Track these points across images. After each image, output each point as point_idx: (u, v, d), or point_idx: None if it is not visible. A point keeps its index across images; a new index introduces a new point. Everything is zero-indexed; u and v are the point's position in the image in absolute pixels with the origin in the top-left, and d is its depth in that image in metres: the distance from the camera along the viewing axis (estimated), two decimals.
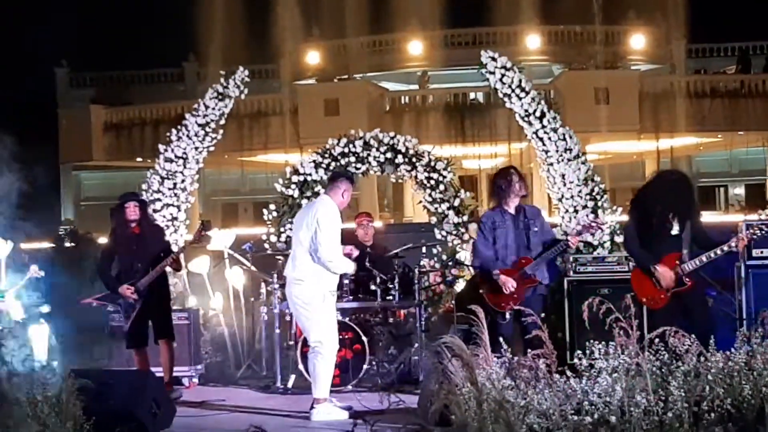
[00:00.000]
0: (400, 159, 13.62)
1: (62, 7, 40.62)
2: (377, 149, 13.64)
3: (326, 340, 9.33)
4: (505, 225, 9.52)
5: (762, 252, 10.14)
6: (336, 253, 9.33)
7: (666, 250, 8.94)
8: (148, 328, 10.67)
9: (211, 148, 14.21)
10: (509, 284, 9.37)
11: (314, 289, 9.31)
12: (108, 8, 41.23)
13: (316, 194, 13.58)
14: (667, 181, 9.18)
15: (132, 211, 10.59)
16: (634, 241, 9.11)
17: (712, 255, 8.84)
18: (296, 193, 13.79)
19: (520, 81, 13.27)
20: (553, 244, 9.57)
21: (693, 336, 7.10)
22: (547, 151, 13.20)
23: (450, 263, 12.76)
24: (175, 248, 11.86)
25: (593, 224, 9.96)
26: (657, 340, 7.12)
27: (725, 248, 8.80)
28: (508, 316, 9.35)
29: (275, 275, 11.28)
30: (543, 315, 9.25)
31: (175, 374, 11.12)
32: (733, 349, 7.20)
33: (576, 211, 12.89)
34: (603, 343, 7.04)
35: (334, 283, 9.52)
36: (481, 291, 9.61)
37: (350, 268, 9.72)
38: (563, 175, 13.04)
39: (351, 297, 11.29)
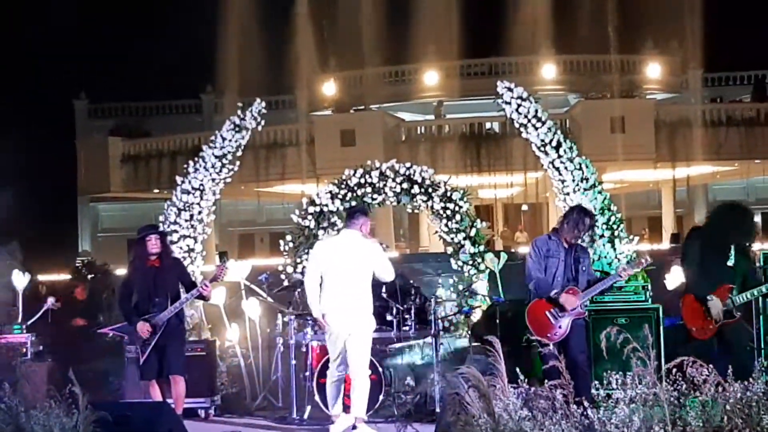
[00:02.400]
0: (416, 189, 13.62)
1: (81, 39, 40.96)
2: (393, 180, 13.65)
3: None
4: (559, 255, 9.50)
5: None
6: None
7: (721, 280, 9.07)
8: (163, 360, 10.64)
9: (228, 180, 14.23)
10: (572, 300, 9.28)
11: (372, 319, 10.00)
12: (126, 40, 41.55)
13: (333, 225, 13.60)
14: (735, 213, 9.25)
15: (153, 243, 10.59)
16: (693, 265, 9.16)
17: (764, 290, 8.95)
18: (312, 224, 13.81)
19: (536, 111, 13.28)
20: (601, 279, 9.53)
21: (731, 366, 7.13)
22: (563, 181, 13.19)
23: (466, 293, 12.74)
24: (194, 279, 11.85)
25: (643, 260, 9.78)
26: (675, 370, 7.08)
27: None
28: (551, 346, 9.22)
29: (291, 306, 11.27)
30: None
31: (191, 405, 11.10)
32: (751, 379, 7.16)
33: (593, 241, 12.85)
34: (620, 373, 7.00)
35: None
36: (527, 321, 9.53)
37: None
38: None
39: None
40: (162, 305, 10.47)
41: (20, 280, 13.17)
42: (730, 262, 9.09)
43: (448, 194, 13.63)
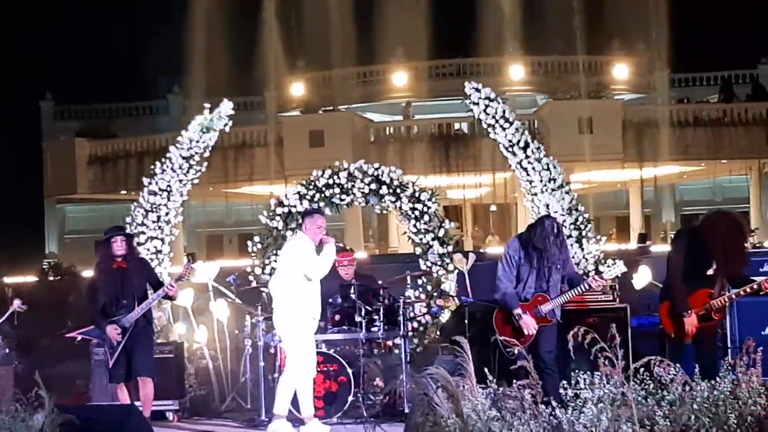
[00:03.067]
0: (384, 190, 13.61)
1: (46, 39, 40.68)
2: (362, 180, 13.64)
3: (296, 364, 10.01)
4: (530, 261, 9.55)
5: None
6: (319, 264, 10.06)
7: (699, 285, 9.22)
8: (132, 362, 10.58)
9: (196, 181, 14.15)
10: (531, 326, 9.40)
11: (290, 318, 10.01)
12: (92, 40, 41.29)
13: (300, 226, 13.57)
14: (725, 223, 9.31)
15: (119, 245, 10.54)
16: (679, 276, 9.27)
17: (741, 293, 9.09)
18: (281, 225, 13.77)
19: (504, 112, 13.30)
20: (572, 285, 9.59)
21: (697, 365, 7.20)
22: (531, 182, 13.23)
23: (435, 294, 12.74)
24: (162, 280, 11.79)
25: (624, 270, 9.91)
26: (642, 369, 7.12)
27: (755, 286, 9.04)
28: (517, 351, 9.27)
29: (260, 307, 11.24)
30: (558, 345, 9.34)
31: (159, 407, 11.04)
32: (718, 378, 7.21)
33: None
34: (588, 372, 7.03)
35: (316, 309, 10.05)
36: (494, 323, 9.67)
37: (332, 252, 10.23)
38: (547, 205, 13.07)
39: (336, 329, 11.27)
40: (129, 307, 10.43)
41: None
42: (710, 271, 9.20)
43: (417, 195, 13.63)
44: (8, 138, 37.64)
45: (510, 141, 13.27)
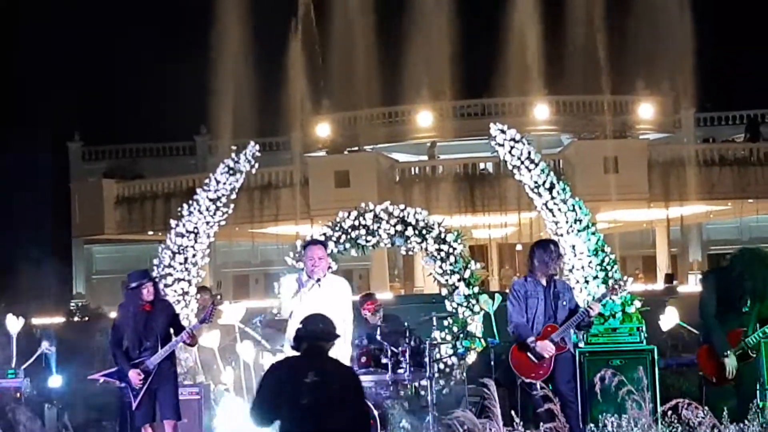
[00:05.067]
0: (410, 231, 13.62)
1: (74, 81, 41.10)
2: (387, 222, 13.65)
3: None
4: (537, 296, 9.72)
5: None
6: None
7: (733, 324, 9.22)
8: (156, 403, 10.60)
9: (223, 222, 14.23)
10: (547, 348, 9.44)
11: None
12: (120, 82, 41.70)
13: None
14: (753, 261, 9.32)
15: (149, 292, 10.61)
16: (712, 318, 9.32)
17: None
18: None
19: (530, 153, 13.30)
20: (575, 312, 9.67)
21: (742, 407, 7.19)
22: (557, 222, 13.20)
23: (461, 335, 12.71)
24: (185, 323, 11.83)
25: (615, 287, 10.35)
26: (670, 411, 7.09)
27: None
28: (539, 386, 9.32)
29: (284, 345, 11.23)
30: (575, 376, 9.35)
31: None
32: (746, 421, 7.17)
33: (587, 282, 12.86)
34: (616, 415, 7.00)
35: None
36: (511, 362, 9.71)
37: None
38: (573, 246, 13.03)
39: (362, 370, 11.25)
40: (153, 349, 10.45)
41: (14, 323, 13.13)
42: (745, 309, 9.19)
43: (442, 236, 13.62)
44: (37, 179, 37.97)
45: (535, 182, 13.26)
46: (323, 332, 6.88)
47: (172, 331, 10.63)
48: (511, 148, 13.31)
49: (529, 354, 9.54)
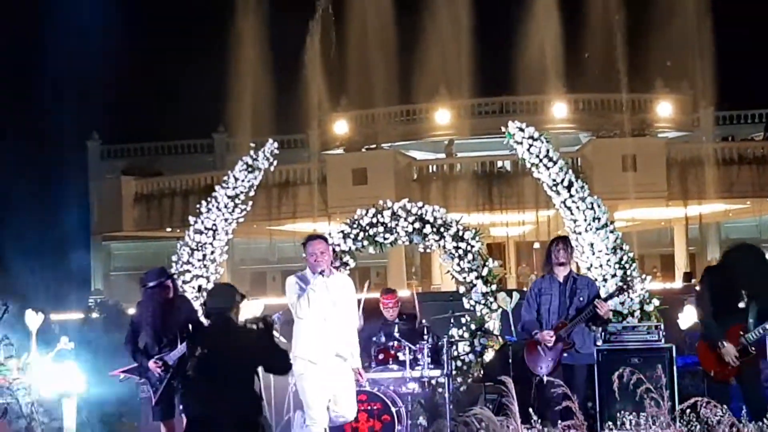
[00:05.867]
0: (428, 229, 13.62)
1: (94, 79, 41.22)
2: (405, 219, 13.66)
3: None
4: (551, 292, 9.97)
5: None
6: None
7: (732, 321, 9.16)
8: (174, 399, 10.65)
9: (241, 220, 14.28)
10: (547, 337, 9.69)
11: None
12: (138, 80, 41.82)
13: (345, 264, 13.62)
14: (747, 256, 9.32)
15: (168, 290, 10.67)
16: (708, 311, 9.31)
17: None
18: None
19: (548, 151, 13.27)
20: (585, 309, 9.72)
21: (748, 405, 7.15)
22: (575, 220, 13.18)
23: (479, 333, 12.72)
24: (203, 320, 11.86)
25: (622, 286, 10.67)
26: (688, 410, 7.07)
27: None
28: (545, 378, 9.42)
29: None
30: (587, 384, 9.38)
31: None
32: (765, 419, 7.15)
33: (605, 280, 12.83)
34: (634, 413, 6.99)
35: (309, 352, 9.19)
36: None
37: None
38: (592, 244, 13.00)
39: (380, 367, 11.27)
40: (172, 345, 10.50)
41: (33, 319, 13.19)
42: (741, 305, 9.15)
43: (460, 234, 13.62)
44: (56, 177, 38.16)
45: (554, 180, 13.24)
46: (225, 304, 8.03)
47: (190, 327, 10.67)
48: (530, 146, 13.29)
49: (539, 347, 9.82)
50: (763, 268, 9.31)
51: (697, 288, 9.91)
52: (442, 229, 13.61)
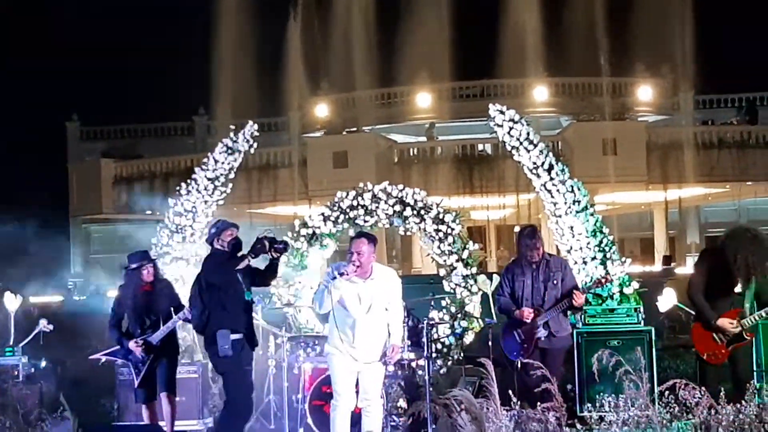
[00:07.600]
0: (408, 212, 13.61)
1: (73, 61, 41.01)
2: (386, 202, 13.65)
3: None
4: (524, 278, 9.97)
5: None
6: None
7: (728, 305, 9.23)
8: (156, 379, 10.65)
9: (221, 202, 14.23)
10: (526, 313, 9.70)
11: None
12: (118, 62, 41.60)
13: (325, 247, 13.61)
14: (745, 238, 9.33)
15: (149, 273, 10.68)
16: (699, 292, 9.32)
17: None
18: (305, 246, 13.79)
19: (528, 134, 13.28)
20: (562, 300, 9.70)
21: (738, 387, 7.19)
22: (555, 203, 13.19)
23: (459, 315, 12.72)
24: (185, 302, 11.83)
25: (602, 279, 10.49)
26: (667, 392, 7.10)
27: None
28: (523, 360, 9.45)
29: (284, 328, 11.26)
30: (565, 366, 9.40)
31: (183, 428, 11.07)
32: (743, 402, 7.18)
33: (585, 263, 12.85)
34: (613, 395, 7.01)
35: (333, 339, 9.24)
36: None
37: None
38: (572, 227, 13.02)
39: None
40: (154, 328, 10.53)
41: (12, 302, 13.14)
42: (738, 289, 9.18)
43: (441, 216, 13.62)
44: (35, 159, 37.94)
45: (534, 163, 13.25)
46: None
47: (172, 310, 10.67)
48: (510, 128, 13.29)
49: (514, 333, 9.85)
50: (762, 253, 9.33)
51: (694, 268, 9.90)
52: (422, 212, 13.60)
